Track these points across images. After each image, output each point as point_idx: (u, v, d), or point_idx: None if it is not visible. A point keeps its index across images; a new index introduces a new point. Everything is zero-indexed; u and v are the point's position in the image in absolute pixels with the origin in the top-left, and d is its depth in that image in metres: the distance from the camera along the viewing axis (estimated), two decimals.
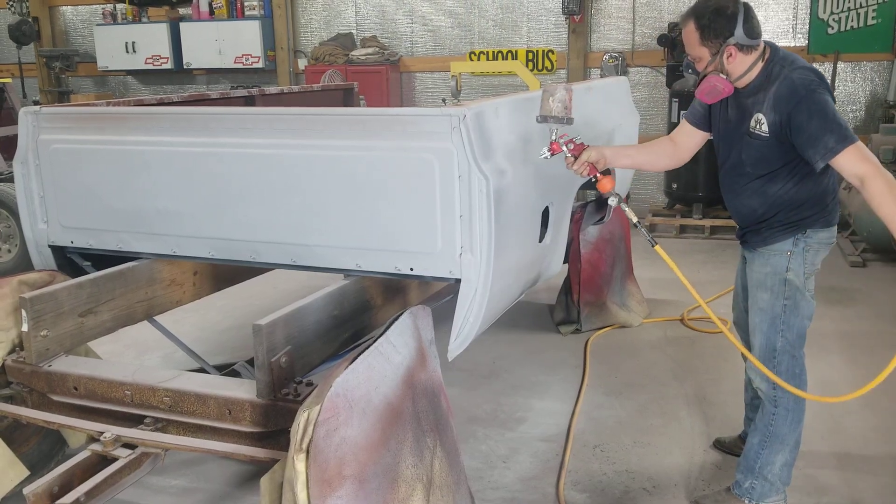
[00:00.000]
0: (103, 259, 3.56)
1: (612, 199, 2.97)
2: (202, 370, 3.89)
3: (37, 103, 9.34)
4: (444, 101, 8.58)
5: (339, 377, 2.19)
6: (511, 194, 3.00)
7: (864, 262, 6.69)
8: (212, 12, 10.15)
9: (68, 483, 2.63)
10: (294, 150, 3.04)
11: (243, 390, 2.72)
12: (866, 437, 3.73)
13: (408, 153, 2.88)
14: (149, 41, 10.31)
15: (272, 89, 5.63)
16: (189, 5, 10.33)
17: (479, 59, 9.27)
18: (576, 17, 8.72)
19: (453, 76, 7.43)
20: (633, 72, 8.82)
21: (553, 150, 2.93)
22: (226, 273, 3.95)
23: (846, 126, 2.66)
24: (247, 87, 8.77)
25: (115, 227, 3.44)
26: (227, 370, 3.91)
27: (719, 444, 3.67)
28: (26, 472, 3.02)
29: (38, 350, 3.03)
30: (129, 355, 4.85)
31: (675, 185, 8.01)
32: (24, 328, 3.01)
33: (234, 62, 10.06)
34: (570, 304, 5.19)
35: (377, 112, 3.01)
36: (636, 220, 3.00)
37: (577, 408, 4.08)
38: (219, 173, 3.18)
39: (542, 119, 2.90)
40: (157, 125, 3.28)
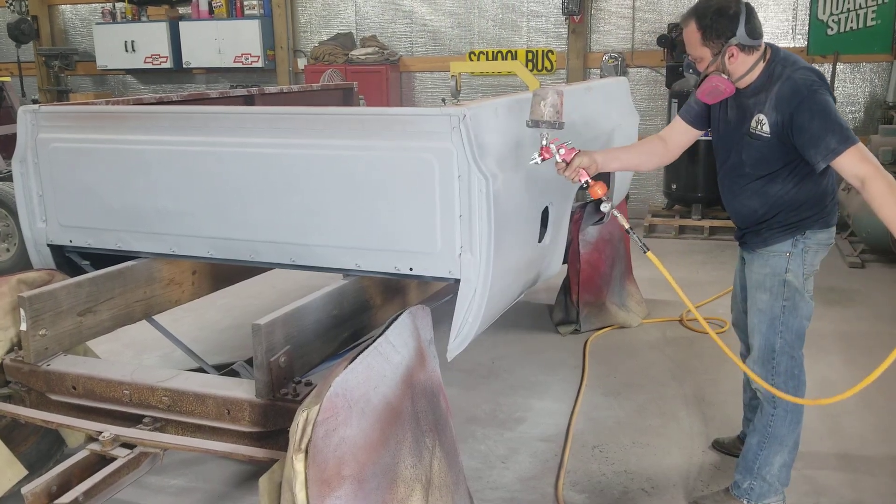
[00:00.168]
0: (102, 258, 3.55)
1: (604, 205, 2.92)
2: (201, 370, 3.89)
3: (36, 102, 9.34)
4: (443, 100, 8.59)
5: (339, 377, 2.19)
6: (511, 194, 2.99)
7: (863, 263, 6.69)
8: (211, 11, 10.15)
9: (67, 482, 2.62)
10: (293, 150, 3.04)
11: (242, 390, 2.72)
12: (865, 438, 3.73)
13: (407, 153, 2.87)
14: (148, 40, 10.32)
15: (271, 89, 5.63)
16: (188, 4, 10.33)
17: (478, 60, 9.27)
18: (575, 17, 8.73)
19: (453, 76, 7.44)
20: (633, 72, 8.82)
21: (544, 156, 2.87)
22: (225, 272, 3.95)
23: (847, 127, 2.66)
24: (246, 86, 8.79)
25: (114, 226, 3.44)
26: (226, 370, 3.90)
27: (718, 445, 3.67)
28: (24, 472, 3.01)
29: (36, 349, 3.03)
30: (128, 355, 4.84)
31: (674, 186, 8.00)
32: (23, 327, 3.00)
33: (234, 61, 10.07)
34: (569, 305, 5.19)
35: (377, 112, 3.01)
36: (628, 226, 2.95)
37: (576, 408, 4.08)
38: (218, 173, 3.18)
39: (532, 123, 2.83)
40: (156, 124, 3.28)
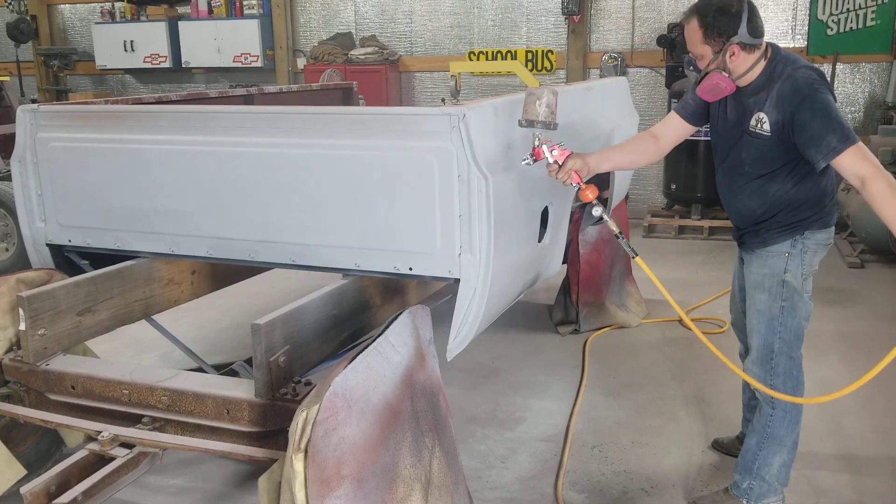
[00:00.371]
0: (101, 258, 3.55)
1: (595, 209, 2.90)
2: (200, 369, 3.88)
3: (35, 102, 9.34)
4: (443, 100, 8.59)
5: (338, 377, 2.19)
6: (510, 194, 2.99)
7: (863, 263, 6.69)
8: (210, 11, 10.15)
9: (66, 482, 2.62)
10: (293, 150, 3.04)
11: (241, 390, 2.72)
12: (865, 438, 3.73)
13: (407, 153, 2.87)
14: (147, 40, 10.32)
15: (271, 88, 5.63)
16: (188, 4, 10.32)
17: (478, 59, 9.27)
18: (575, 17, 8.73)
19: (452, 76, 7.44)
20: (633, 72, 8.82)
21: (536, 157, 2.86)
22: (224, 272, 3.94)
23: (848, 126, 2.66)
24: (245, 86, 8.78)
25: (113, 225, 3.44)
26: (226, 370, 3.89)
27: (717, 445, 3.67)
28: (23, 472, 3.01)
29: (35, 349, 3.02)
30: (127, 354, 4.84)
31: (673, 186, 8.00)
32: (22, 327, 3.00)
33: (233, 61, 10.06)
34: (568, 305, 5.19)
35: (376, 111, 3.00)
36: (618, 230, 2.93)
37: (576, 408, 4.08)
38: (217, 172, 3.17)
39: (527, 123, 2.80)
40: (155, 124, 3.27)
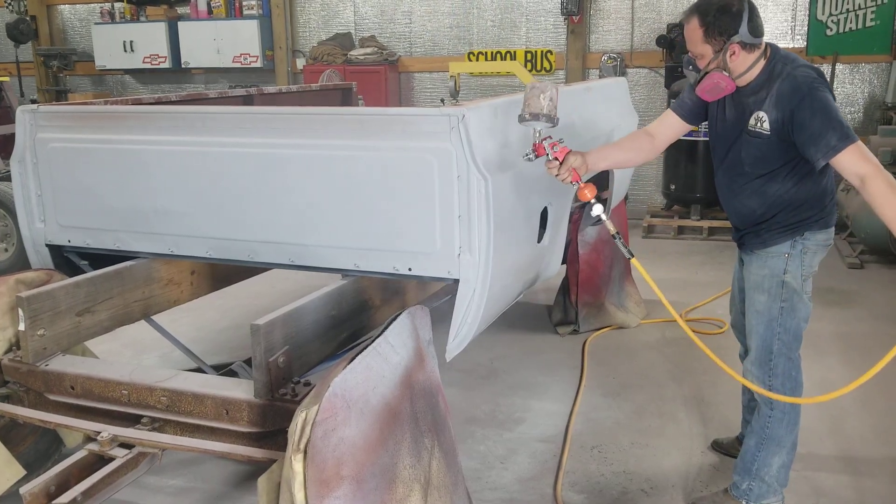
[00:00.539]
0: (101, 258, 3.55)
1: (594, 208, 2.90)
2: (199, 370, 3.88)
3: (34, 102, 9.34)
4: (442, 101, 8.58)
5: (337, 377, 2.19)
6: (510, 194, 2.99)
7: (862, 263, 6.69)
8: (210, 11, 10.15)
9: (65, 482, 2.62)
10: (292, 150, 3.04)
11: (241, 390, 2.72)
12: (865, 439, 3.73)
13: (406, 153, 2.87)
14: (147, 40, 10.31)
15: (270, 89, 5.63)
16: (187, 4, 10.32)
17: (477, 60, 9.27)
18: (574, 17, 8.73)
19: (452, 76, 7.44)
20: (632, 72, 8.82)
21: (538, 152, 2.84)
22: (223, 273, 3.94)
23: (848, 125, 2.66)
24: (245, 86, 8.78)
25: (113, 226, 3.44)
26: (225, 370, 3.89)
27: (717, 446, 3.67)
28: (23, 472, 3.01)
29: (34, 349, 3.02)
30: (127, 355, 4.84)
31: (673, 186, 8.00)
32: (21, 327, 3.00)
33: (233, 61, 10.06)
34: (568, 305, 5.19)
35: (376, 112, 3.00)
36: (615, 230, 2.92)
37: (575, 409, 4.08)
38: (217, 172, 3.17)
39: (531, 117, 2.76)
40: (154, 124, 3.27)
